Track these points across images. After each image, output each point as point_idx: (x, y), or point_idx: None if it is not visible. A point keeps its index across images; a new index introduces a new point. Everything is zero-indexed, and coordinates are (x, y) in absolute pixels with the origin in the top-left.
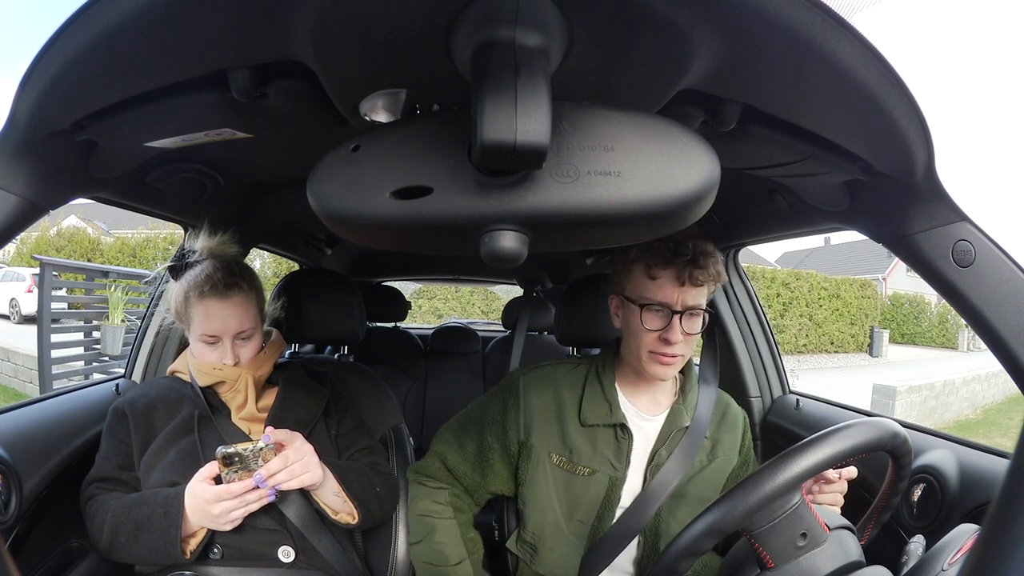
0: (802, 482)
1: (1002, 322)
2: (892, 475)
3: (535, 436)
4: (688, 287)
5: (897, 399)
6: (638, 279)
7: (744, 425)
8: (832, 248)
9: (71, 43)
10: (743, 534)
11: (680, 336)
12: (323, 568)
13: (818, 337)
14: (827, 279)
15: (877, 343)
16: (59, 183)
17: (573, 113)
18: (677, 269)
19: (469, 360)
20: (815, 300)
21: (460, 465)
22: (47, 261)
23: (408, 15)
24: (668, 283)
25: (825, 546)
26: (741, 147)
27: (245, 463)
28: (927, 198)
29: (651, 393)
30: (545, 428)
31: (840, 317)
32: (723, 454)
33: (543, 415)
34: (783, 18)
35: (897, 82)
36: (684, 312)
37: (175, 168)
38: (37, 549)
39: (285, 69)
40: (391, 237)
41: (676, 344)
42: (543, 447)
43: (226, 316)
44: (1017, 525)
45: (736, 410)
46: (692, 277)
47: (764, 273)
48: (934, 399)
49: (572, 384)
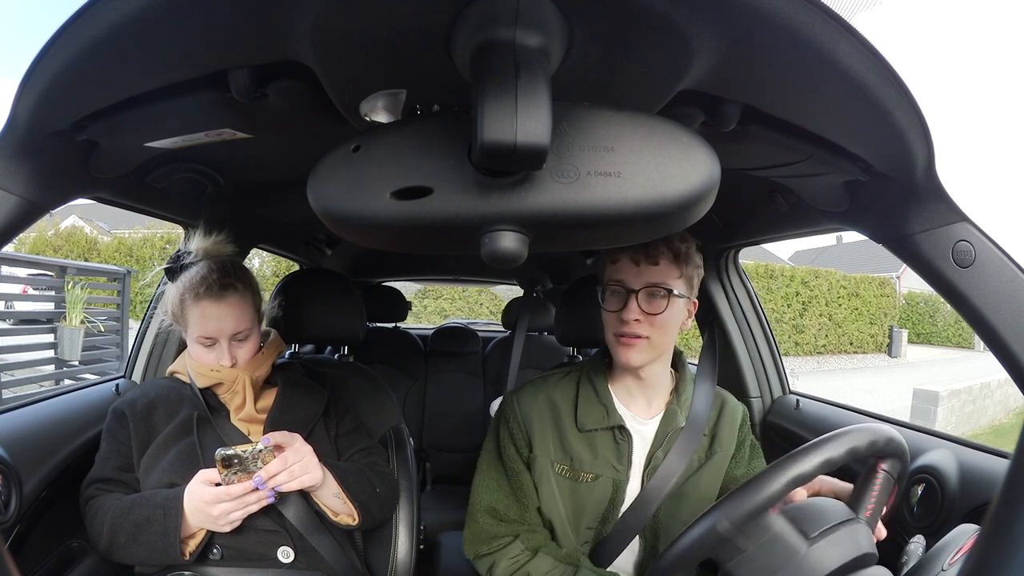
0: (796, 487)
1: (1002, 322)
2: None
3: (537, 448)
4: (645, 265)
5: (940, 404)
6: (604, 266)
7: (743, 418)
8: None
9: (71, 43)
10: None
11: (636, 314)
12: (323, 569)
13: (838, 337)
14: (846, 277)
15: (896, 343)
16: (59, 183)
17: (573, 113)
18: (633, 249)
19: (469, 360)
20: (834, 299)
21: (508, 507)
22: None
23: (408, 15)
24: (626, 263)
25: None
26: (741, 147)
27: (244, 465)
28: (927, 198)
29: (645, 395)
30: (544, 439)
31: (859, 316)
32: (721, 450)
33: (540, 427)
34: (783, 18)
35: (897, 82)
36: (640, 290)
37: (175, 168)
38: (37, 549)
39: (285, 69)
40: (391, 237)
41: (632, 323)
42: (545, 458)
43: (222, 317)
44: (1017, 525)
45: (734, 405)
46: (647, 254)
47: (783, 271)
48: (971, 403)
49: (565, 392)
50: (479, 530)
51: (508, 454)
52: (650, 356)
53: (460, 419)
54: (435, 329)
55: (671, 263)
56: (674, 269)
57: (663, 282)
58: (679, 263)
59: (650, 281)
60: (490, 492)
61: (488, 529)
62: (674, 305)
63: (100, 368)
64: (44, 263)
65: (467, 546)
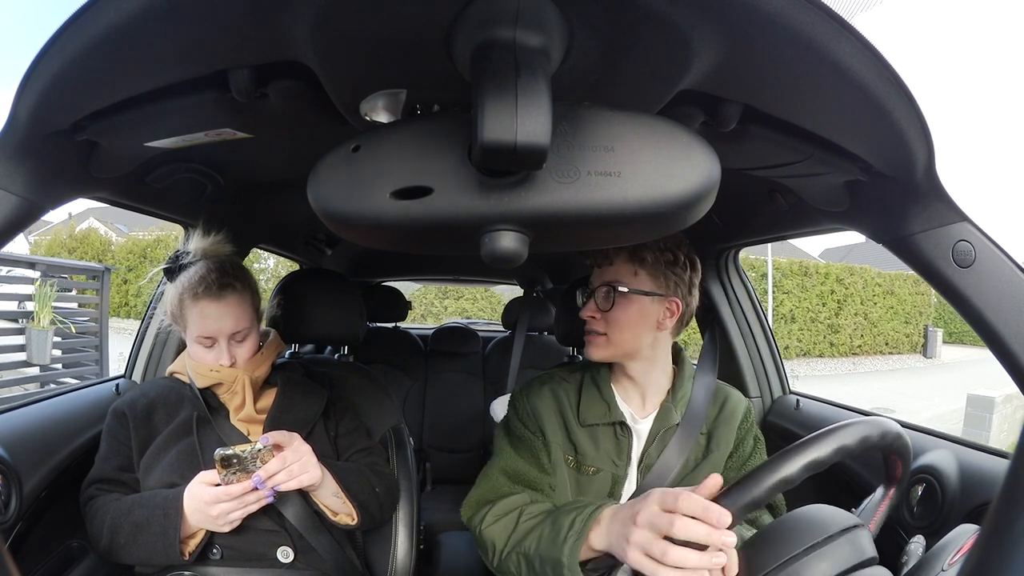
0: (797, 481)
1: (1002, 322)
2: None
3: (549, 436)
4: (604, 266)
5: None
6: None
7: (745, 414)
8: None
9: (71, 43)
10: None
11: (591, 311)
12: (322, 568)
13: (873, 337)
14: (880, 274)
15: (931, 343)
16: (59, 183)
17: (573, 113)
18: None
19: (469, 360)
20: (869, 297)
21: (523, 468)
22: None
23: (408, 15)
24: (593, 266)
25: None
26: (741, 147)
27: (244, 465)
28: (927, 198)
29: (639, 394)
30: (554, 430)
31: (895, 315)
32: (718, 449)
33: (549, 418)
34: (783, 18)
35: (897, 82)
36: (596, 288)
37: (175, 168)
38: (37, 549)
39: (285, 69)
40: (391, 237)
41: (589, 320)
42: (557, 446)
43: (220, 317)
44: (1017, 525)
45: (736, 401)
46: (605, 255)
47: (817, 268)
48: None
49: (569, 388)
50: (488, 487)
51: (525, 436)
52: (609, 352)
53: (460, 419)
54: (435, 329)
55: (625, 262)
56: (629, 267)
57: (614, 280)
58: (634, 262)
59: (604, 280)
60: (508, 457)
61: (499, 487)
62: (628, 303)
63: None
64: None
65: (468, 507)
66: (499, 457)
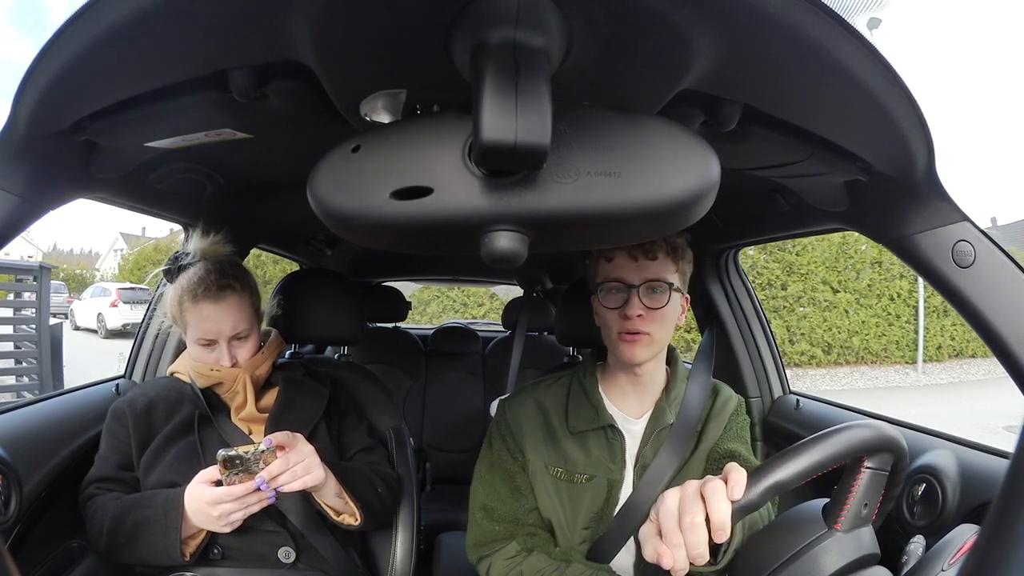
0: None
1: (1002, 322)
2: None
3: (529, 452)
4: (643, 260)
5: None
6: (598, 266)
7: (736, 408)
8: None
9: (71, 43)
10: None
11: (639, 309)
12: (323, 569)
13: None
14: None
15: None
16: (59, 183)
17: (573, 113)
18: (629, 245)
19: (469, 360)
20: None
21: (502, 504)
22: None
23: (408, 15)
24: (622, 260)
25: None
26: (741, 147)
27: (246, 466)
28: (927, 198)
29: (638, 394)
30: (536, 444)
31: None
32: (706, 441)
33: (531, 431)
34: (784, 18)
35: (897, 82)
36: (642, 286)
37: (175, 168)
38: (37, 549)
39: (285, 69)
40: (391, 237)
41: (635, 319)
42: (539, 461)
43: (220, 318)
44: (1017, 525)
45: (727, 396)
46: (645, 250)
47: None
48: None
49: (555, 397)
50: (478, 531)
51: (502, 457)
52: (652, 352)
53: (460, 419)
54: (435, 329)
55: (668, 257)
56: (671, 263)
57: (662, 276)
58: (675, 257)
59: (649, 276)
60: (484, 490)
61: (484, 528)
62: (673, 299)
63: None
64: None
65: (469, 550)
66: (477, 484)
